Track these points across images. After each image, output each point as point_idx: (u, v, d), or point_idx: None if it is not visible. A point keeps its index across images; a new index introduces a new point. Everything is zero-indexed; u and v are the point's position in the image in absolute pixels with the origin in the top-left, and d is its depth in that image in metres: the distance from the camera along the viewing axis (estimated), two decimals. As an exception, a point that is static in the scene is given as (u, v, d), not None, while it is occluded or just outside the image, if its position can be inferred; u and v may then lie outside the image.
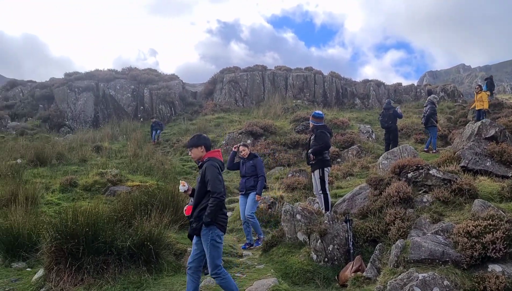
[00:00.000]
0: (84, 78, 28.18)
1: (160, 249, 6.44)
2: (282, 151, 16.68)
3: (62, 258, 5.97)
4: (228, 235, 8.94)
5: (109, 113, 26.35)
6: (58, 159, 15.63)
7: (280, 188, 11.15)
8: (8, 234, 7.06)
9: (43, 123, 24.92)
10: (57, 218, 7.56)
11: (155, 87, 27.12)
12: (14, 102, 27.93)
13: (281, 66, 29.87)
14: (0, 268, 6.91)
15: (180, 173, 14.77)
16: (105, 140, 20.02)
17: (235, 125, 20.44)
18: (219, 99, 27.04)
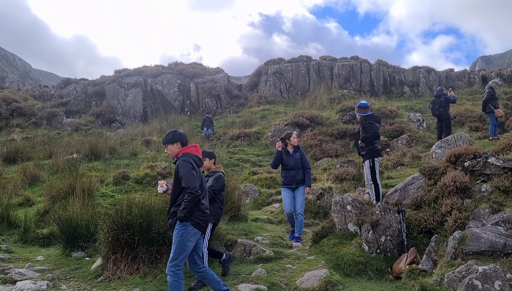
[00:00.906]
0: (132, 74, 28.99)
1: (211, 239, 6.52)
2: (329, 141, 16.48)
3: (118, 247, 6.18)
4: (276, 226, 8.96)
5: (157, 108, 26.98)
6: (110, 153, 16.19)
7: (328, 179, 11.01)
8: (67, 225, 7.39)
9: (96, 119, 25.90)
10: (112, 210, 7.87)
11: (201, 81, 27.48)
12: (69, 100, 29.19)
13: (326, 56, 29.42)
14: (61, 257, 7.26)
15: (228, 165, 14.91)
16: (153, 135, 20.51)
17: (281, 117, 20.37)
18: (264, 91, 27.02)
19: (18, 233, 8.95)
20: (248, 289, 5.22)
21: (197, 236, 4.58)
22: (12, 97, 29.16)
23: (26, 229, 8.88)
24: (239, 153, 17.34)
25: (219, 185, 5.98)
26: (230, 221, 7.83)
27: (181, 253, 4.46)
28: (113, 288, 5.68)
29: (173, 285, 4.46)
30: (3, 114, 26.47)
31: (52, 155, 16.07)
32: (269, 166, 14.86)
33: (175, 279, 4.46)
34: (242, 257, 6.71)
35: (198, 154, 4.76)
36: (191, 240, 4.48)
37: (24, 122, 25.50)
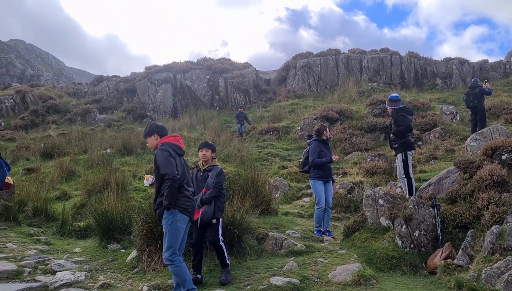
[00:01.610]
0: (162, 70, 29.40)
1: (242, 233, 6.59)
2: (359, 135, 16.30)
3: (152, 240, 6.32)
4: (307, 220, 8.95)
5: (187, 104, 27.29)
6: (142, 148, 16.52)
7: (358, 173, 10.91)
8: (103, 218, 7.60)
9: (127, 115, 26.44)
10: (145, 203, 8.04)
11: (229, 76, 27.61)
12: (101, 97, 29.90)
13: (355, 49, 29.02)
14: (98, 249, 7.48)
15: (257, 159, 14.96)
16: (184, 130, 20.78)
17: (310, 111, 20.26)
18: (293, 85, 26.92)
19: (56, 225, 9.27)
20: (281, 282, 5.24)
21: (186, 222, 4.66)
22: (48, 94, 30.11)
23: (63, 222, 9.19)
24: (268, 147, 17.37)
25: (224, 180, 5.93)
26: (261, 215, 7.86)
27: (174, 241, 4.52)
28: (148, 279, 5.81)
29: (177, 272, 4.53)
30: (39, 111, 27.37)
31: (86, 150, 16.53)
32: (299, 160, 14.87)
33: (176, 266, 4.53)
34: (273, 250, 6.73)
35: (178, 143, 4.80)
36: (181, 226, 4.56)
37: (59, 119, 26.29)
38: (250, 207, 7.46)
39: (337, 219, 8.92)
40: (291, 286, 5.20)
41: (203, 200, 5.50)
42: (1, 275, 5.55)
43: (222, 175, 5.72)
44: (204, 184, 5.65)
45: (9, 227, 8.74)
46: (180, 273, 4.53)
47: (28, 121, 25.84)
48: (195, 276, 5.52)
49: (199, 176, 5.78)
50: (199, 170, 5.85)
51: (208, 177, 5.66)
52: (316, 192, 7.75)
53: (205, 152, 5.78)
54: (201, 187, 5.66)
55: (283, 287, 5.16)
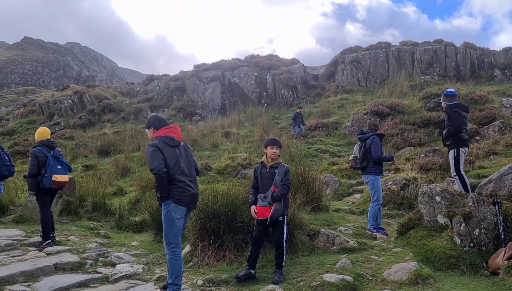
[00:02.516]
0: (211, 68, 29.83)
1: (294, 229, 6.58)
2: (412, 130, 15.82)
3: (205, 235, 6.44)
4: (358, 217, 8.81)
5: (235, 101, 27.55)
6: (193, 145, 16.87)
7: (412, 169, 10.58)
8: (158, 213, 7.82)
9: (178, 113, 27.06)
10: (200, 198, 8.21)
11: (277, 72, 27.58)
12: (152, 95, 30.78)
13: (406, 41, 28.13)
14: (153, 243, 7.73)
15: (306, 155, 14.89)
16: (232, 127, 21.01)
17: (359, 106, 19.88)
18: (341, 80, 26.51)
19: (113, 220, 9.67)
20: (334, 279, 5.19)
21: (182, 212, 4.75)
22: (103, 94, 31.40)
23: (120, 216, 9.57)
24: (317, 143, 17.23)
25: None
26: (312, 212, 7.82)
27: (171, 231, 4.69)
28: (202, 274, 5.94)
29: (171, 263, 4.74)
30: (95, 111, 28.61)
31: (140, 148, 17.11)
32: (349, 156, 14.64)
33: (171, 257, 4.74)
34: (325, 247, 6.68)
35: (171, 135, 4.84)
36: (177, 216, 4.67)
37: (114, 118, 27.35)
38: (301, 204, 7.45)
39: (389, 216, 8.72)
40: (345, 283, 5.14)
41: (275, 197, 5.48)
42: (65, 266, 5.86)
43: (289, 173, 5.73)
44: (270, 180, 5.61)
45: (71, 221, 9.22)
46: (173, 265, 4.73)
47: (85, 120, 27.07)
48: (249, 271, 5.58)
49: (264, 172, 5.73)
50: (264, 166, 5.80)
51: (274, 174, 5.63)
52: (377, 188, 7.54)
53: (275, 150, 5.76)
54: (266, 183, 5.64)
55: (337, 284, 5.11)
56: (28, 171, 7.19)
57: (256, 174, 5.87)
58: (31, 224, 8.94)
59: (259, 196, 5.69)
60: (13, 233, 7.86)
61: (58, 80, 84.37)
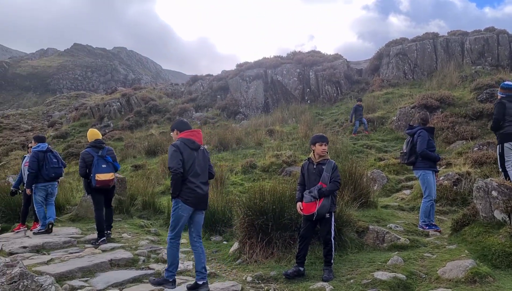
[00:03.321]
0: (253, 67, 29.94)
1: (342, 226, 6.49)
2: (463, 123, 15.21)
3: (253, 232, 6.48)
4: (409, 213, 8.58)
5: (278, 98, 27.51)
6: (237, 143, 17.02)
7: (465, 163, 10.17)
8: (206, 211, 7.94)
9: (221, 112, 27.36)
10: (244, 196, 8.27)
11: (320, 68, 27.28)
12: (196, 95, 31.29)
13: (454, 31, 27.04)
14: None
15: (352, 151, 14.65)
16: (276, 124, 21.00)
17: (406, 100, 19.32)
18: (386, 74, 25.86)
19: (162, 218, 9.93)
20: (386, 277, 5.08)
21: (189, 211, 5.04)
22: (149, 96, 32.25)
23: (169, 215, 9.76)
24: (363, 138, 16.91)
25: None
26: (360, 208, 7.68)
27: (175, 226, 5.05)
28: (251, 270, 5.98)
29: (170, 252, 5.06)
30: (142, 112, 29.45)
31: (186, 147, 17.43)
32: (396, 151, 14.27)
33: (170, 247, 5.06)
34: (374, 244, 6.55)
35: (192, 138, 5.13)
36: (183, 214, 5.01)
37: (160, 118, 28.03)
38: (349, 200, 7.34)
39: (442, 213, 8.42)
40: (397, 281, 5.02)
41: (323, 193, 5.43)
42: (120, 263, 6.07)
43: (337, 169, 5.68)
44: (317, 177, 5.57)
45: (123, 219, 9.54)
46: (171, 254, 5.04)
47: (133, 121, 27.92)
48: (297, 268, 5.56)
49: (311, 169, 5.70)
50: (311, 162, 5.75)
51: (322, 170, 5.58)
52: (428, 183, 7.27)
53: (324, 146, 5.71)
54: (313, 179, 5.60)
55: (389, 282, 5.00)
56: (78, 172, 7.53)
57: (303, 171, 5.84)
58: (86, 222, 9.33)
59: (305, 192, 5.66)
60: (70, 231, 8.22)
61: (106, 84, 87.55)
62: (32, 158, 8.10)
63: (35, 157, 8.09)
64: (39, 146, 8.30)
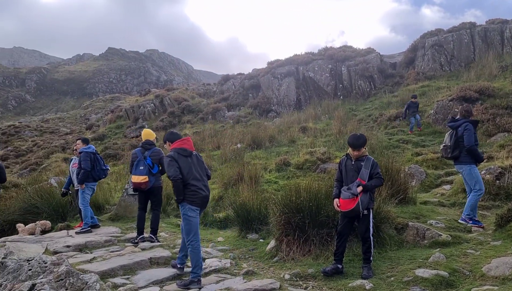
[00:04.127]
0: (284, 64, 29.82)
1: (380, 223, 6.38)
2: (504, 114, 14.65)
3: (290, 230, 6.46)
4: (449, 209, 8.33)
5: (310, 95, 27.31)
6: (270, 141, 17.00)
7: (508, 157, 9.78)
8: (242, 209, 7.99)
9: (253, 110, 27.39)
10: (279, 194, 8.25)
11: (352, 63, 26.88)
12: (228, 95, 31.46)
13: (493, 20, 26.05)
14: (238, 239, 7.89)
15: (387, 147, 14.36)
16: (309, 121, 20.83)
17: (443, 92, 18.76)
18: (422, 66, 25.20)
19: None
20: (428, 274, 4.95)
21: (196, 212, 5.34)
22: (182, 96, 32.68)
23: (205, 213, 9.88)
24: (399, 133, 16.54)
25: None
26: (398, 204, 7.53)
27: (190, 229, 5.29)
28: (288, 268, 5.96)
29: (191, 254, 5.29)
30: (175, 113, 29.87)
31: (219, 146, 17.58)
32: (434, 145, 13.90)
33: (191, 249, 5.29)
34: (415, 241, 6.40)
35: (184, 146, 5.46)
36: (192, 215, 5.28)
37: (193, 118, 28.35)
38: (387, 196, 7.20)
39: (485, 208, 8.12)
40: (440, 278, 4.89)
41: (367, 187, 5.37)
42: (159, 261, 6.17)
43: (378, 165, 5.60)
44: (355, 173, 5.51)
45: (160, 218, 9.68)
46: (193, 256, 5.26)
47: (167, 122, 28.34)
48: (336, 265, 5.50)
49: (349, 165, 5.62)
50: (349, 158, 5.67)
51: (360, 166, 5.49)
52: (477, 177, 6.96)
53: (357, 152, 5.57)
54: (351, 176, 5.53)
55: (431, 280, 4.88)
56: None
57: (340, 167, 5.77)
58: (125, 221, 9.54)
59: (342, 189, 5.59)
60: (110, 230, 8.43)
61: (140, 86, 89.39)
62: (85, 158, 8.43)
63: (88, 157, 8.44)
64: (89, 147, 8.69)
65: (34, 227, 8.97)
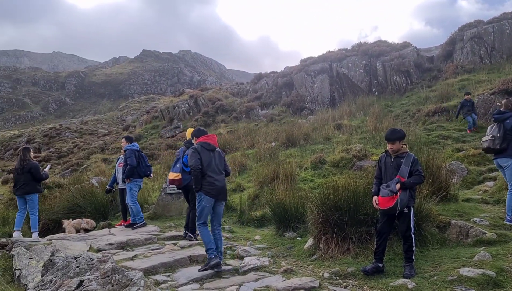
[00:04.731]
0: (317, 61, 29.59)
1: (422, 221, 6.24)
2: (551, 108, 13.97)
3: (328, 228, 6.40)
4: (493, 207, 8.04)
5: (344, 92, 26.99)
6: (305, 139, 16.88)
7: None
8: (279, 208, 7.99)
9: (287, 108, 27.33)
10: (315, 192, 8.19)
11: (387, 58, 26.35)
12: (262, 93, 31.53)
13: (536, 8, 24.95)
14: (275, 237, 7.89)
15: (426, 143, 14.00)
16: (343, 118, 20.57)
17: (484, 86, 18.13)
18: (460, 59, 24.42)
19: (235, 215, 10.09)
20: (473, 274, 4.80)
21: (211, 202, 5.86)
22: (216, 96, 33.00)
23: (241, 212, 9.96)
24: (437, 129, 16.09)
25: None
26: (440, 202, 7.33)
27: (200, 214, 5.86)
28: (327, 266, 5.91)
29: (203, 236, 5.86)
30: (209, 112, 30.19)
31: (254, 145, 17.61)
32: (476, 141, 13.43)
33: (201, 232, 5.89)
34: (458, 239, 6.21)
35: (208, 140, 6.04)
36: (206, 204, 5.83)
37: (227, 118, 28.57)
38: (427, 194, 7.03)
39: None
40: (486, 278, 4.73)
41: (405, 184, 5.26)
42: (198, 259, 6.25)
43: (418, 162, 5.47)
44: (395, 170, 5.41)
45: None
46: (204, 238, 5.83)
47: (201, 122, 28.68)
48: (376, 264, 5.42)
49: (388, 162, 5.53)
50: (389, 155, 5.58)
51: (400, 163, 5.39)
52: None
53: (391, 145, 5.49)
54: (390, 173, 5.44)
55: (477, 279, 4.73)
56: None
57: (380, 164, 5.67)
58: (164, 220, 9.72)
59: (382, 186, 5.50)
60: (149, 228, 8.61)
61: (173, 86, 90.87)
62: (131, 155, 8.76)
63: (133, 154, 8.77)
64: (134, 145, 9.03)
65: (79, 222, 9.28)
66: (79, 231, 9.21)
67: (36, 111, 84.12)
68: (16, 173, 9.03)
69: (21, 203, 8.97)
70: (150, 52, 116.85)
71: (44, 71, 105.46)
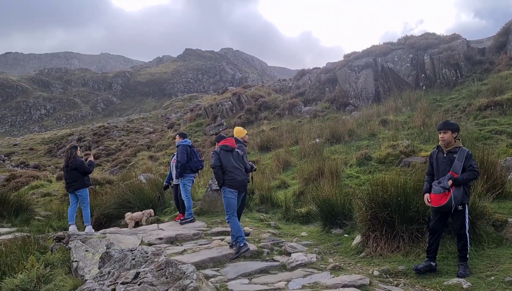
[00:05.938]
0: (361, 56, 29.00)
1: (476, 219, 6.00)
2: None
3: (377, 225, 6.29)
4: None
5: (389, 87, 26.32)
6: (349, 135, 16.62)
7: None
8: (325, 204, 7.92)
9: (331, 104, 26.98)
10: (361, 189, 8.05)
11: (435, 51, 25.44)
12: (304, 90, 31.29)
13: None
14: (322, 234, 7.84)
15: (478, 138, 13.43)
16: (389, 114, 20.09)
17: (541, 78, 17.18)
18: (514, 51, 23.22)
19: (280, 211, 10.10)
20: (534, 275, 4.57)
21: (235, 194, 6.62)
22: (258, 93, 33.08)
23: (287, 208, 9.94)
24: (490, 124, 15.39)
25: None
26: (495, 200, 7.02)
27: (228, 207, 6.58)
28: (376, 264, 5.81)
29: (232, 226, 6.51)
30: (252, 110, 30.30)
31: (297, 141, 17.54)
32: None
33: (229, 221, 6.57)
34: (516, 239, 5.93)
35: (226, 143, 6.90)
36: (231, 197, 6.57)
37: (269, 115, 28.58)
38: (482, 191, 6.75)
39: None
40: (549, 280, 4.49)
41: (458, 180, 5.10)
42: (246, 254, 6.30)
43: (472, 157, 5.27)
44: (447, 166, 5.24)
45: (243, 213, 9.89)
46: (233, 228, 6.46)
47: (244, 119, 28.85)
48: (429, 263, 5.27)
49: (440, 157, 5.37)
50: (441, 151, 5.41)
51: (453, 159, 5.21)
52: None
53: (443, 134, 5.33)
54: (442, 169, 5.27)
55: (538, 281, 4.49)
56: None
57: (431, 160, 5.50)
58: (210, 216, 9.86)
59: (433, 183, 5.33)
60: (196, 224, 8.76)
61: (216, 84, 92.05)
62: (182, 151, 8.90)
63: (184, 150, 8.92)
64: (186, 141, 9.17)
65: (140, 215, 9.56)
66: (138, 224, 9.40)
67: (86, 110, 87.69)
68: (64, 171, 9.48)
69: (72, 198, 9.44)
70: (193, 51, 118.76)
71: (93, 72, 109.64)
